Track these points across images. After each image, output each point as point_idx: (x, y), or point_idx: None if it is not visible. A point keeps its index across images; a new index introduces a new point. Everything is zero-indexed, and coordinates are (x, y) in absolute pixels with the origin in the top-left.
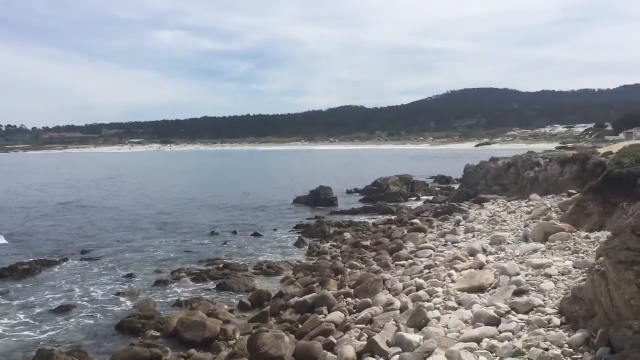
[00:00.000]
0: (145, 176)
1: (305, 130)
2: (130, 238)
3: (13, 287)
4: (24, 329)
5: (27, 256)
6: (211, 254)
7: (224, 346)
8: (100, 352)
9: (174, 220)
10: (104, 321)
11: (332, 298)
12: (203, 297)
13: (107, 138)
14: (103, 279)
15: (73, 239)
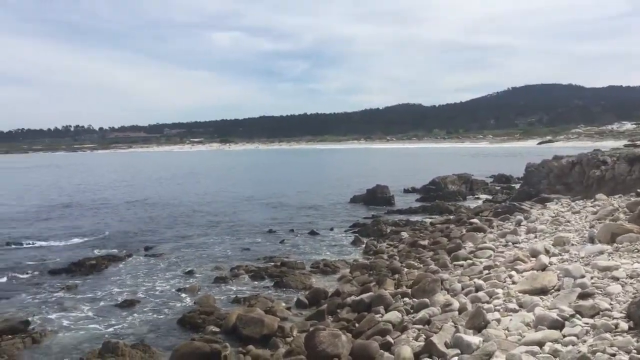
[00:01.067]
0: (205, 174)
1: (362, 128)
2: (191, 235)
3: (81, 281)
4: (91, 322)
5: (95, 252)
6: (268, 251)
7: (281, 343)
8: (162, 346)
9: (233, 218)
10: (166, 316)
11: (389, 298)
12: (261, 294)
13: (169, 137)
14: (165, 275)
15: (138, 236)
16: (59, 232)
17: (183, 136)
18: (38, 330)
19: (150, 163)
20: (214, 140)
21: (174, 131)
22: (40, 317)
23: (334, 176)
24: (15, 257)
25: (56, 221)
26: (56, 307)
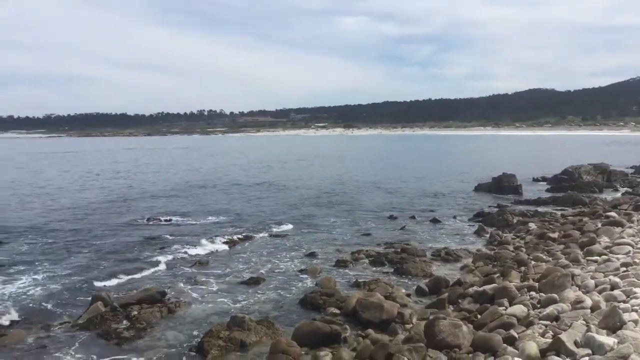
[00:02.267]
0: (329, 159)
1: (489, 114)
2: (314, 218)
3: (212, 258)
4: (219, 296)
5: (225, 230)
6: (389, 237)
7: (400, 329)
8: (284, 324)
9: (355, 202)
10: (289, 295)
11: (514, 290)
12: (381, 280)
13: (295, 122)
14: (288, 255)
15: (264, 216)
16: (193, 210)
17: (308, 121)
18: (173, 301)
19: (277, 146)
20: (337, 125)
21: (299, 116)
22: (175, 289)
23: (457, 163)
24: (153, 232)
25: (192, 200)
26: (189, 281)
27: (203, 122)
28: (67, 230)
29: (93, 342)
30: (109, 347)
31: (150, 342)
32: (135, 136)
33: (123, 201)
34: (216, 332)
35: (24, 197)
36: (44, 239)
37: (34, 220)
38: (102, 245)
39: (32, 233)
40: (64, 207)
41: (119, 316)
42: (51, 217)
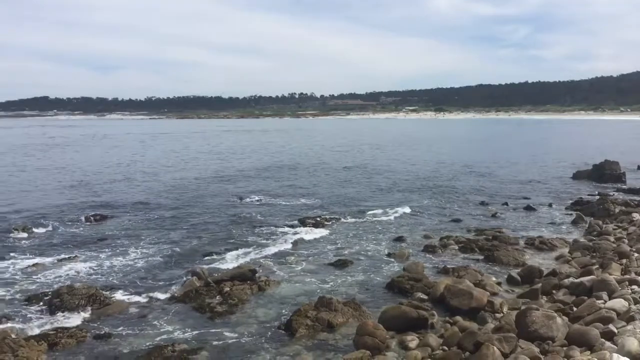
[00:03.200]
0: (420, 142)
1: (591, 98)
2: (403, 202)
3: (300, 238)
4: (307, 277)
5: (315, 213)
6: (480, 224)
7: (490, 318)
8: (371, 306)
9: (445, 187)
10: (375, 279)
11: (614, 283)
12: (470, 267)
13: (385, 105)
14: (376, 238)
15: (352, 199)
16: (284, 191)
17: (398, 104)
18: (263, 279)
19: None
20: (428, 108)
21: (390, 99)
22: (265, 268)
23: (555, 149)
24: (245, 212)
25: (283, 181)
26: (279, 261)
27: (294, 104)
28: (167, 207)
29: (188, 315)
30: (203, 320)
31: (241, 317)
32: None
33: (218, 181)
34: (304, 311)
35: (128, 176)
36: (146, 215)
37: (137, 198)
38: (198, 223)
39: (135, 209)
40: (163, 185)
41: (213, 291)
42: (152, 194)
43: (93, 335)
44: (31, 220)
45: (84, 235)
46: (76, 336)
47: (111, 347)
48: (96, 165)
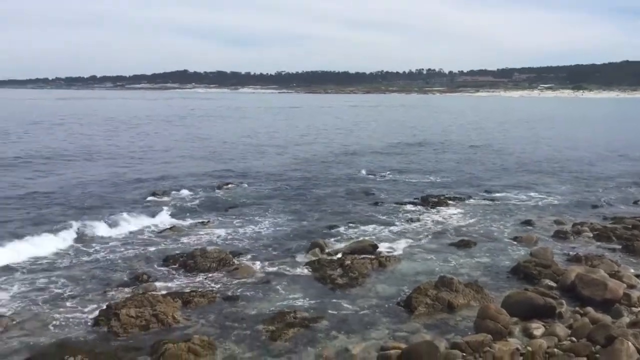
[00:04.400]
0: (555, 122)
1: None
2: (533, 184)
3: (423, 216)
4: (429, 255)
5: (439, 191)
6: (620, 211)
7: (626, 312)
8: (493, 290)
9: (584, 170)
10: (500, 262)
11: None
12: (606, 256)
13: (518, 83)
14: (502, 220)
15: (479, 179)
16: (409, 167)
17: (532, 82)
18: (384, 255)
19: (497, 108)
20: (565, 86)
21: (523, 76)
22: (386, 244)
23: None
24: (370, 187)
25: (409, 157)
26: (400, 237)
27: (421, 80)
28: (294, 179)
29: (309, 284)
30: (324, 290)
31: (361, 291)
32: (355, 94)
33: (344, 155)
34: (424, 289)
35: (259, 147)
36: (274, 185)
37: (266, 168)
38: (323, 195)
39: (264, 180)
40: (291, 158)
41: (334, 263)
42: (280, 166)
43: (222, 296)
44: (170, 186)
45: (216, 202)
46: (207, 296)
47: (238, 309)
48: (229, 137)
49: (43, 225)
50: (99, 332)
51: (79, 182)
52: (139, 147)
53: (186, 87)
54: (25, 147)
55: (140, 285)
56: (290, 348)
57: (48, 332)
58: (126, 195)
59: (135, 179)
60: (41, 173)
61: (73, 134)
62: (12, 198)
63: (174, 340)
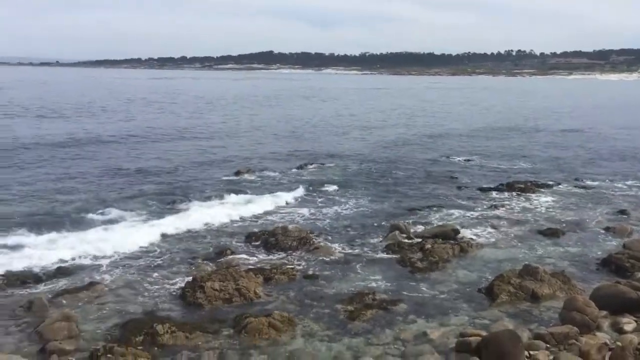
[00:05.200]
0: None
1: None
2: (630, 172)
3: (509, 202)
4: (513, 243)
5: (526, 177)
6: None
7: None
8: (581, 281)
9: None
10: (590, 252)
11: None
12: None
13: (615, 65)
14: (593, 210)
15: (568, 166)
16: (494, 152)
17: (631, 64)
18: (466, 240)
19: (591, 91)
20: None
21: (622, 58)
22: (469, 229)
23: None
24: (452, 170)
25: (495, 141)
26: (483, 223)
27: (509, 62)
28: (376, 161)
29: (389, 266)
30: (403, 273)
31: (441, 276)
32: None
33: (428, 138)
34: (507, 277)
35: (341, 128)
36: (355, 167)
37: (348, 150)
38: (405, 178)
39: (346, 161)
40: (374, 139)
41: (414, 247)
42: (363, 147)
43: (302, 274)
44: (254, 164)
45: (299, 182)
46: (288, 273)
47: (317, 288)
48: (313, 117)
49: (136, 200)
50: (185, 303)
51: (168, 159)
52: (226, 126)
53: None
54: (120, 125)
55: (224, 260)
56: (368, 329)
57: (138, 300)
58: (212, 173)
59: (221, 157)
60: (135, 151)
61: (164, 113)
62: (107, 174)
63: (255, 315)
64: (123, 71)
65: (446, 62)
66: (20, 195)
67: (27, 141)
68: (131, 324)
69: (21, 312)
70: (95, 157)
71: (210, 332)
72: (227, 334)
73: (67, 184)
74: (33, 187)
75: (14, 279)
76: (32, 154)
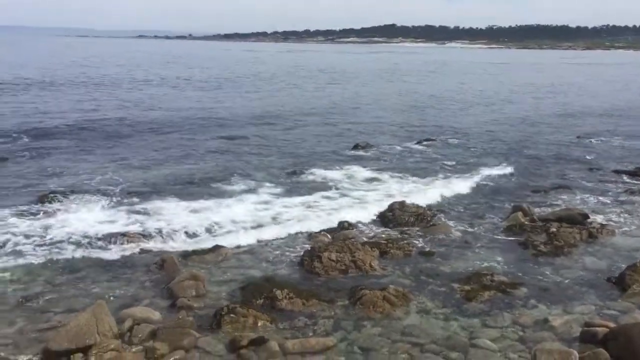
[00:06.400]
0: None
1: None
2: None
3: None
4: None
5: None
6: None
7: None
8: None
9: None
10: None
11: None
12: None
13: None
14: None
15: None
16: (636, 133)
17: None
18: (595, 226)
19: None
20: None
21: None
22: (599, 214)
23: None
24: (580, 152)
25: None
26: (617, 207)
27: None
28: (501, 138)
29: (509, 248)
30: (524, 256)
31: (566, 261)
32: (573, 50)
33: (558, 117)
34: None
35: (465, 104)
36: (479, 143)
37: (472, 127)
38: (530, 157)
39: (467, 137)
40: (499, 116)
41: (538, 229)
42: (487, 124)
43: (418, 251)
44: (373, 139)
45: (417, 156)
46: (403, 249)
47: (433, 265)
48: (434, 91)
49: (263, 172)
50: (303, 272)
51: (295, 134)
52: (345, 99)
53: (393, 41)
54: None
55: (341, 232)
56: (485, 310)
57: (260, 266)
58: (331, 146)
59: (339, 131)
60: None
61: (286, 87)
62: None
63: (370, 287)
64: (251, 44)
65: (581, 35)
66: (162, 162)
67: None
68: (252, 287)
69: (154, 269)
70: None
71: (326, 301)
72: (342, 304)
73: (202, 155)
74: (173, 156)
75: (149, 238)
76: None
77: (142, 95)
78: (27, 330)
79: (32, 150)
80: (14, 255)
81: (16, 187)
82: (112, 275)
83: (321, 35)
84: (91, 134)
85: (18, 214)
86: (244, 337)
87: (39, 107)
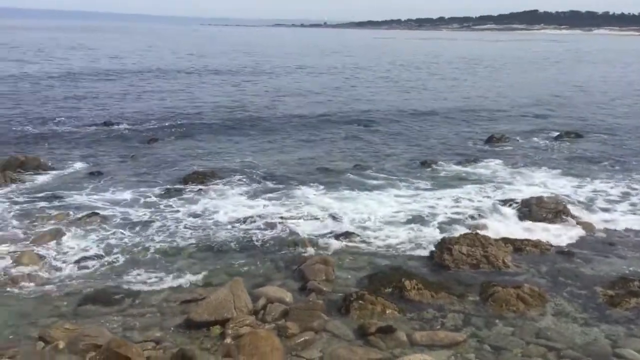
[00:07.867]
0: None
1: None
2: None
3: None
4: None
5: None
6: None
7: None
8: None
9: None
10: None
11: None
12: None
13: None
14: None
15: None
16: None
17: None
18: None
19: None
20: None
21: None
22: None
23: None
24: None
25: None
26: None
27: None
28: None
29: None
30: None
31: None
32: None
33: None
34: None
35: (616, 97)
36: (619, 141)
37: (610, 122)
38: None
39: (605, 134)
40: None
41: None
42: (625, 117)
43: (556, 249)
44: (503, 132)
45: (556, 151)
46: (540, 246)
47: (572, 266)
48: (578, 83)
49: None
50: (432, 263)
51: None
52: (481, 88)
53: (533, 28)
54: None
55: (473, 224)
56: (631, 318)
57: (389, 254)
58: (465, 138)
59: (474, 120)
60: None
61: (426, 75)
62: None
63: (503, 284)
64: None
65: None
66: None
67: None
68: (380, 275)
69: (287, 251)
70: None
71: (456, 295)
72: (473, 300)
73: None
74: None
75: (285, 218)
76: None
77: (309, 84)
78: (171, 299)
79: (178, 134)
80: (161, 232)
81: (164, 167)
82: (249, 254)
83: (456, 23)
84: (238, 123)
85: (164, 192)
86: (372, 325)
87: (199, 95)
